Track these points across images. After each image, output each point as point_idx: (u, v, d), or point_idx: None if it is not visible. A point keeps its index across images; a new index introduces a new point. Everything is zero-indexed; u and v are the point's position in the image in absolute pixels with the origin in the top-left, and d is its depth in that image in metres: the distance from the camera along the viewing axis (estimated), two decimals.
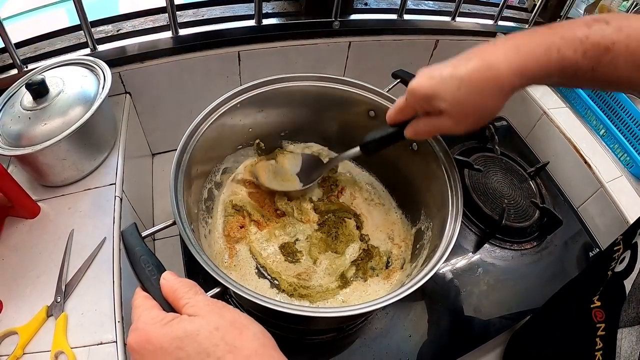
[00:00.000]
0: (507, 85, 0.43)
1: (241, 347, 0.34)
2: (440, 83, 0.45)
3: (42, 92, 0.67)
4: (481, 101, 0.45)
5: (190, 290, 0.39)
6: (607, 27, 0.41)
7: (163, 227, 0.51)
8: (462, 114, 0.47)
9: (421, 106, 0.50)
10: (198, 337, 0.34)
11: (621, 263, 0.54)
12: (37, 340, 0.56)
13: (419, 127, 0.53)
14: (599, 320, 0.55)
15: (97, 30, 0.83)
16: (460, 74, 0.44)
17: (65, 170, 0.70)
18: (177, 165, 0.58)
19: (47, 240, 0.66)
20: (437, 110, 0.47)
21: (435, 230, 0.65)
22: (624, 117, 1.06)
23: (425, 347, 0.71)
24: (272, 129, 0.79)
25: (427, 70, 0.48)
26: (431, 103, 0.47)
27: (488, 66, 0.43)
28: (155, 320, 0.36)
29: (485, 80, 0.44)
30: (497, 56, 0.43)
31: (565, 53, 0.41)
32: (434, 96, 0.46)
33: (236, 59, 0.92)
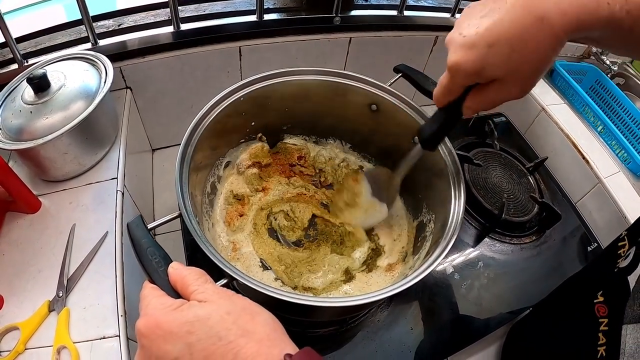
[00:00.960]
0: (562, 35, 0.39)
1: (253, 331, 0.34)
2: (487, 51, 0.39)
3: (44, 86, 0.67)
4: (537, 56, 0.40)
5: (199, 278, 0.39)
6: None
7: (169, 219, 0.51)
8: (521, 77, 0.42)
9: (471, 81, 0.44)
10: (209, 321, 0.34)
11: (626, 259, 0.54)
12: (39, 336, 0.56)
13: (474, 104, 0.46)
14: (602, 316, 0.55)
15: (98, 24, 0.83)
16: (507, 34, 0.38)
17: (67, 164, 0.69)
18: (182, 158, 0.57)
19: (48, 235, 0.65)
20: (489, 79, 0.42)
21: (438, 223, 0.66)
22: (622, 114, 1.07)
23: (427, 339, 0.72)
24: (275, 123, 0.79)
25: (461, 37, 0.41)
26: (482, 75, 0.41)
27: (540, 19, 0.38)
28: (165, 305, 0.36)
29: (538, 35, 0.38)
30: (548, 5, 0.38)
31: (613, 8, 0.38)
32: (484, 68, 0.40)
33: (237, 54, 0.92)
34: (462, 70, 0.42)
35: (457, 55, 0.41)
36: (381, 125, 0.75)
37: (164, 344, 0.34)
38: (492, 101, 0.45)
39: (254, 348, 0.33)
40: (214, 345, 0.33)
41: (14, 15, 0.85)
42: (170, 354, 0.33)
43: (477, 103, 0.46)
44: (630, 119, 1.05)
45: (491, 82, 0.43)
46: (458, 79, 0.44)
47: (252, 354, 0.32)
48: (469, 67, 0.41)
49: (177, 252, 0.76)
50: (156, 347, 0.34)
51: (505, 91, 0.43)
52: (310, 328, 0.68)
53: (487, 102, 0.45)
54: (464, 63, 0.41)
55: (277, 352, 0.33)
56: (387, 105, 0.72)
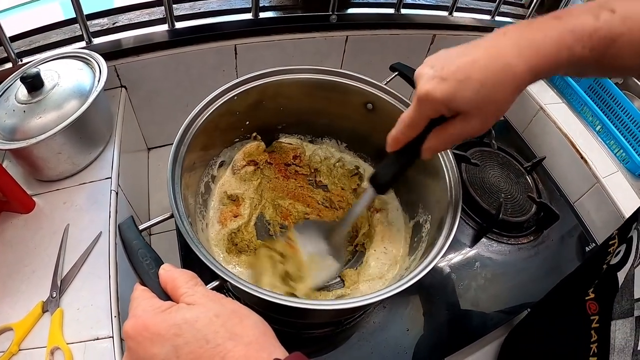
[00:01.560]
0: (523, 82, 0.42)
1: (242, 335, 0.34)
2: (457, 85, 0.42)
3: (37, 85, 0.66)
4: (501, 97, 0.43)
5: (190, 281, 0.38)
6: (613, 17, 0.40)
7: (161, 220, 0.51)
8: (484, 113, 0.45)
9: (437, 111, 0.46)
10: (197, 323, 0.34)
11: (616, 256, 0.55)
12: (32, 336, 0.56)
13: (436, 142, 0.49)
14: (593, 313, 0.55)
15: (92, 23, 0.82)
16: (477, 73, 0.42)
17: (61, 164, 0.69)
18: (174, 158, 0.57)
19: (42, 235, 0.65)
20: (453, 113, 0.45)
21: (434, 223, 0.65)
22: (620, 114, 1.06)
23: (423, 341, 0.71)
24: (269, 122, 0.79)
25: (433, 71, 0.44)
26: (450, 106, 0.44)
27: (505, 65, 0.42)
28: (153, 307, 0.36)
29: (504, 78, 0.42)
30: (512, 54, 0.42)
31: (574, 50, 0.41)
32: (453, 100, 0.43)
33: (233, 53, 0.91)
34: (432, 99, 0.44)
35: (428, 85, 0.44)
36: (377, 124, 0.75)
37: (150, 347, 0.33)
38: (454, 137, 0.47)
39: (242, 352, 0.32)
40: (201, 349, 0.32)
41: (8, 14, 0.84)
42: (157, 356, 0.33)
43: (440, 140, 0.48)
44: (628, 119, 1.04)
45: (455, 118, 0.45)
46: (426, 109, 0.46)
47: (239, 358, 0.32)
48: (438, 96, 0.43)
49: (172, 252, 0.76)
50: (143, 349, 0.34)
51: (468, 126, 0.45)
52: (305, 329, 0.68)
53: (450, 138, 0.48)
54: (434, 92, 0.43)
55: (265, 355, 0.33)
56: (383, 104, 0.71)
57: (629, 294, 0.48)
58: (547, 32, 0.41)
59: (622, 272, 0.52)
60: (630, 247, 0.53)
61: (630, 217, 0.59)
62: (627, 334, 0.47)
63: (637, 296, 0.47)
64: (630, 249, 0.53)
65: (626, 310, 0.48)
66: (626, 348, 0.46)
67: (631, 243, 0.53)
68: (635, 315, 0.46)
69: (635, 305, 0.47)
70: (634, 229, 0.54)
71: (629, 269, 0.50)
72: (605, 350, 0.49)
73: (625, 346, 0.47)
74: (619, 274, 0.52)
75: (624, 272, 0.51)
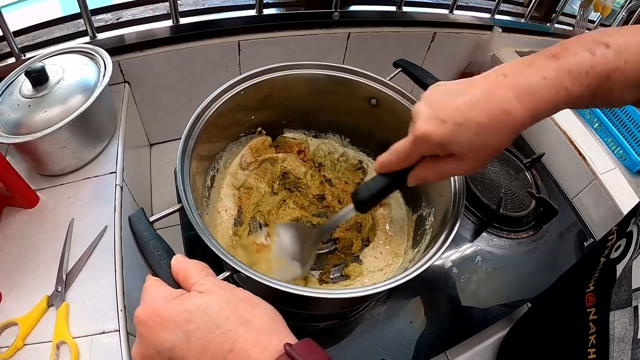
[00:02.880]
0: (521, 126, 0.43)
1: (252, 321, 0.34)
2: (456, 127, 0.42)
3: (42, 79, 0.66)
4: (497, 143, 0.43)
5: (201, 271, 0.39)
6: (608, 51, 0.41)
7: (171, 211, 0.51)
8: (479, 157, 0.45)
9: (432, 152, 0.46)
10: (208, 309, 0.34)
11: (616, 251, 0.55)
12: (37, 331, 0.55)
13: (425, 173, 0.49)
14: (590, 305, 0.56)
15: (96, 18, 0.83)
16: (476, 119, 0.42)
17: (65, 158, 0.69)
18: (183, 151, 0.57)
19: (46, 230, 0.65)
20: (448, 153, 0.45)
21: (438, 216, 0.66)
22: (617, 112, 1.07)
23: (426, 333, 0.72)
24: (274, 117, 0.79)
25: (431, 110, 0.44)
26: (446, 148, 0.44)
27: (504, 111, 0.41)
28: (165, 294, 0.36)
29: (502, 124, 0.42)
30: (511, 98, 0.42)
31: (571, 90, 0.41)
32: (450, 143, 0.43)
33: (236, 49, 0.91)
34: (429, 141, 0.44)
35: (426, 126, 0.43)
36: (381, 119, 0.75)
37: (161, 332, 0.34)
38: (444, 173, 0.48)
39: (252, 337, 0.33)
40: (212, 334, 0.33)
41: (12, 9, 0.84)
42: (168, 342, 0.33)
43: (429, 173, 0.48)
44: (626, 116, 1.05)
45: (448, 157, 0.45)
46: (422, 148, 0.46)
47: (250, 343, 0.32)
48: (436, 139, 0.43)
49: (176, 246, 0.74)
50: (154, 334, 0.34)
51: (461, 167, 0.46)
52: (310, 322, 0.68)
53: (439, 173, 0.48)
54: (433, 135, 0.43)
55: (276, 341, 0.33)
56: (387, 100, 0.72)
57: (627, 285, 0.49)
58: (545, 74, 0.41)
59: (621, 265, 0.52)
60: (630, 241, 0.53)
61: (629, 213, 0.60)
62: (626, 324, 0.47)
63: (635, 286, 0.48)
64: (631, 242, 0.53)
65: (624, 301, 0.49)
66: (626, 337, 0.47)
67: (631, 237, 0.53)
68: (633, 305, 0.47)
69: (634, 295, 0.47)
70: (633, 223, 0.55)
71: (627, 261, 0.51)
72: (605, 340, 0.50)
73: (625, 336, 0.47)
74: (617, 267, 0.53)
75: (623, 264, 0.52)
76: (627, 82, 0.41)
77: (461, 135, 0.42)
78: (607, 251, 0.58)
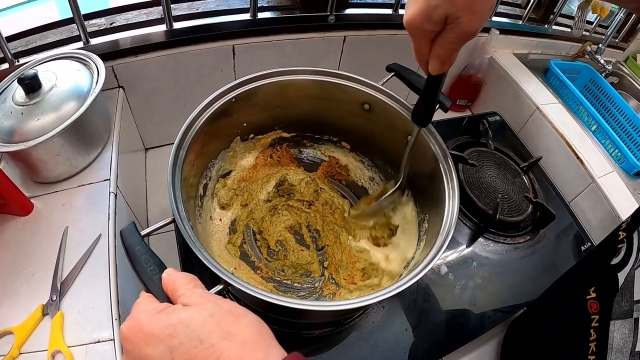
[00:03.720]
0: None
1: (236, 334, 0.34)
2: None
3: (35, 86, 0.66)
4: None
5: (189, 283, 0.39)
6: None
7: (162, 224, 0.51)
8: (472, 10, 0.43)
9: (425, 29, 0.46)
10: (191, 323, 0.34)
11: (617, 256, 0.55)
12: (33, 340, 0.55)
13: (438, 50, 0.48)
14: (594, 312, 0.56)
15: (89, 23, 0.82)
16: None
17: (59, 166, 0.69)
18: (174, 161, 0.57)
19: (41, 238, 0.65)
20: (441, 23, 0.44)
21: (432, 223, 0.66)
22: (615, 114, 1.07)
23: (422, 340, 0.72)
24: (267, 123, 0.79)
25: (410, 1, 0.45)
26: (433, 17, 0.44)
27: None
28: (150, 308, 0.36)
29: None
30: None
31: None
32: (432, 10, 0.43)
33: (231, 53, 0.91)
34: (414, 21, 0.45)
35: (406, 12, 0.45)
36: (374, 124, 0.75)
37: (145, 347, 0.33)
38: (450, 42, 0.46)
39: (237, 351, 0.32)
40: (195, 349, 0.32)
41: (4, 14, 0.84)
42: (152, 357, 0.33)
43: (440, 48, 0.47)
44: (624, 118, 1.05)
45: (446, 25, 0.45)
46: (415, 32, 0.47)
47: (234, 358, 0.32)
48: (417, 16, 0.44)
49: (172, 253, 0.76)
50: (138, 350, 0.34)
51: (458, 28, 0.44)
52: (305, 330, 0.68)
53: (447, 44, 0.47)
54: (413, 15, 0.44)
55: (261, 355, 0.33)
56: (380, 105, 0.72)
57: (629, 295, 0.49)
58: None
59: (623, 273, 0.52)
60: (631, 248, 0.53)
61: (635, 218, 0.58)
62: (626, 335, 0.47)
63: (637, 297, 0.48)
64: (631, 249, 0.53)
65: (626, 311, 0.49)
66: (624, 348, 0.47)
67: (632, 244, 0.53)
68: (634, 317, 0.47)
69: (635, 307, 0.47)
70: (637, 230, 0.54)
71: (629, 270, 0.51)
72: (604, 349, 0.50)
73: (623, 347, 0.47)
74: (619, 275, 0.53)
75: (625, 272, 0.52)
76: None
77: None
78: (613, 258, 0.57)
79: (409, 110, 0.70)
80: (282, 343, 0.36)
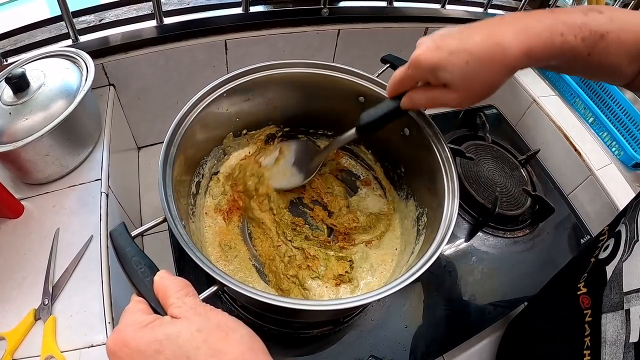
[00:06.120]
0: (513, 63, 0.44)
1: (225, 351, 0.32)
2: (448, 55, 0.45)
3: (23, 86, 0.64)
4: (488, 77, 0.45)
5: (180, 290, 0.37)
6: (601, 16, 0.43)
7: (153, 224, 0.49)
8: (467, 89, 0.47)
9: (425, 77, 0.49)
10: (178, 339, 0.32)
11: (605, 250, 0.55)
12: (25, 345, 0.54)
13: (417, 96, 0.52)
14: (586, 307, 0.55)
15: (78, 20, 0.80)
16: (469, 48, 0.44)
17: (49, 166, 0.67)
18: (165, 160, 0.56)
19: (32, 240, 0.63)
20: (441, 82, 0.47)
21: (430, 216, 0.65)
22: (612, 106, 1.06)
23: (422, 337, 0.71)
24: (260, 118, 0.77)
25: (431, 40, 0.47)
26: (437, 74, 0.47)
27: (497, 44, 0.43)
28: (136, 322, 0.35)
29: (494, 57, 0.44)
30: (506, 35, 0.43)
31: (567, 37, 0.43)
32: (441, 68, 0.46)
33: (223, 48, 0.89)
34: (421, 65, 0.47)
35: (422, 51, 0.47)
36: None
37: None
38: (434, 99, 0.50)
39: None
40: None
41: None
42: None
43: (420, 96, 0.52)
44: (621, 111, 1.04)
45: (441, 86, 0.48)
46: (415, 72, 0.50)
47: None
48: (428, 62, 0.46)
49: (166, 253, 0.75)
50: None
51: (450, 96, 0.48)
52: (303, 329, 0.67)
53: (430, 98, 0.51)
54: (425, 58, 0.47)
55: None
56: (375, 97, 0.70)
57: (618, 287, 0.49)
58: (541, 19, 0.44)
59: (611, 266, 0.52)
60: (619, 241, 0.53)
61: (620, 212, 0.60)
62: (618, 327, 0.47)
63: (626, 289, 0.47)
64: (619, 243, 0.53)
65: (615, 304, 0.48)
66: (618, 341, 0.47)
67: (619, 237, 0.53)
68: (625, 308, 0.47)
69: (625, 299, 0.47)
70: (622, 223, 0.55)
71: (617, 263, 0.51)
72: (598, 343, 0.50)
73: (616, 339, 0.47)
74: (607, 268, 0.52)
75: (612, 265, 0.51)
76: (621, 47, 0.44)
77: (451, 62, 0.45)
78: (597, 251, 0.58)
79: None
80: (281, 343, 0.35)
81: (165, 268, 0.41)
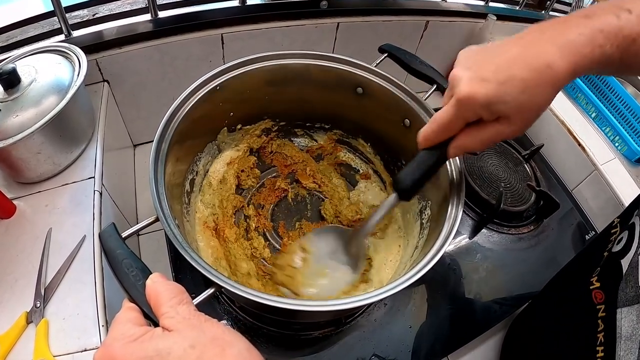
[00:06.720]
0: (562, 83, 0.41)
1: None
2: (500, 86, 0.40)
3: (13, 81, 0.63)
4: (541, 101, 0.42)
5: (174, 297, 0.35)
6: (631, 17, 0.40)
7: (145, 224, 0.47)
8: (523, 117, 0.43)
9: (477, 115, 0.44)
10: (169, 356, 0.30)
11: (618, 244, 0.54)
12: (17, 350, 0.52)
13: (469, 141, 0.46)
14: (599, 302, 0.54)
15: (71, 15, 0.78)
16: (520, 75, 0.40)
17: (41, 164, 0.66)
18: (156, 157, 0.54)
19: (24, 241, 0.62)
20: (494, 117, 0.43)
21: (434, 209, 0.63)
22: (614, 100, 1.05)
23: (426, 337, 0.70)
24: (255, 112, 0.76)
25: (468, 72, 0.43)
26: (491, 109, 0.42)
27: (547, 66, 0.40)
28: (125, 335, 0.32)
29: (545, 80, 0.40)
30: (554, 55, 0.40)
31: (605, 48, 0.40)
32: (496, 102, 0.41)
33: (219, 42, 0.87)
34: (474, 103, 0.42)
35: (469, 87, 0.41)
36: (368, 109, 0.72)
37: None
38: (488, 139, 0.45)
39: None
40: None
41: None
42: None
43: (472, 140, 0.46)
44: (623, 105, 1.03)
45: (493, 120, 0.43)
46: (466, 112, 0.43)
47: None
48: (481, 99, 0.41)
49: (162, 253, 0.73)
50: None
51: (508, 130, 0.43)
52: (304, 330, 0.65)
53: (483, 140, 0.45)
54: (477, 95, 0.41)
55: None
56: (374, 88, 0.69)
57: (634, 281, 0.48)
58: (581, 31, 0.40)
59: (626, 260, 0.51)
60: (633, 234, 0.52)
61: (632, 204, 0.59)
62: (634, 322, 0.46)
63: None
64: (634, 235, 0.52)
65: (631, 298, 0.47)
66: (633, 336, 0.46)
67: (634, 230, 0.52)
68: None
69: None
70: (636, 215, 0.53)
71: (632, 256, 0.50)
72: (612, 339, 0.49)
73: (632, 334, 0.46)
74: (622, 262, 0.51)
75: (628, 259, 0.50)
76: None
77: (506, 93, 0.40)
78: (610, 245, 0.56)
79: (405, 91, 0.67)
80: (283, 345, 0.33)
81: (162, 269, 0.39)
